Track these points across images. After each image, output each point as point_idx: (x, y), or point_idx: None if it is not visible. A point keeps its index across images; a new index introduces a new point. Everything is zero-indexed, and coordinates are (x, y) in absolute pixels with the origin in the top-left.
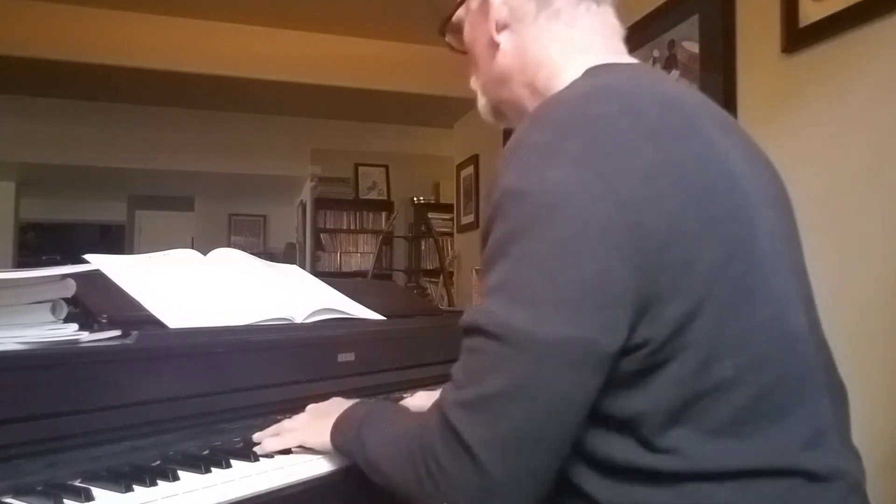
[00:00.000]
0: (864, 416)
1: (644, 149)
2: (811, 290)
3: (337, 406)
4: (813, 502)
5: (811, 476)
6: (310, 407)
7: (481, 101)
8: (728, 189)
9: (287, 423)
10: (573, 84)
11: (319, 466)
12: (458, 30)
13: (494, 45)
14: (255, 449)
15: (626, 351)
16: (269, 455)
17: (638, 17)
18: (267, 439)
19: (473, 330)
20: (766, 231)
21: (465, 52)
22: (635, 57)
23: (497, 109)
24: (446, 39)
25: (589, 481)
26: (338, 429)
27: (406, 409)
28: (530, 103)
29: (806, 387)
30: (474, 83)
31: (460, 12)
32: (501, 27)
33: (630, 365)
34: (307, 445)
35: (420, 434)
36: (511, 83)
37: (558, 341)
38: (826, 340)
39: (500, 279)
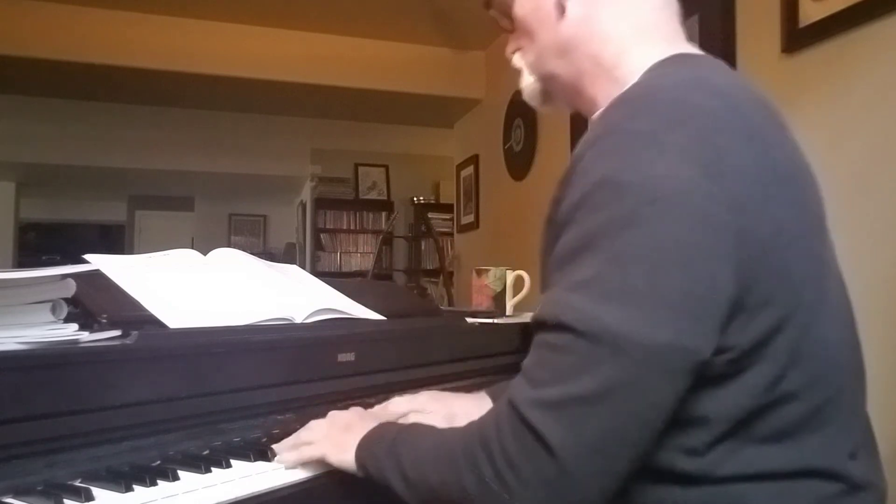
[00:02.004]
0: None
1: (749, 150)
2: (851, 304)
3: (359, 419)
4: None
5: (849, 483)
6: (330, 415)
7: (528, 80)
8: (812, 200)
9: (304, 435)
10: (660, 72)
11: (319, 466)
12: (505, 4)
13: (560, 11)
14: (273, 462)
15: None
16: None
17: None
18: (285, 453)
19: (557, 326)
20: (828, 242)
21: (510, 30)
22: None
23: (546, 89)
24: (490, 13)
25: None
26: (365, 447)
27: (438, 427)
28: (589, 80)
29: (847, 402)
30: (519, 60)
31: None
32: None
33: (708, 370)
34: (328, 461)
35: (481, 435)
36: (573, 54)
37: (658, 346)
38: (862, 354)
39: (592, 274)
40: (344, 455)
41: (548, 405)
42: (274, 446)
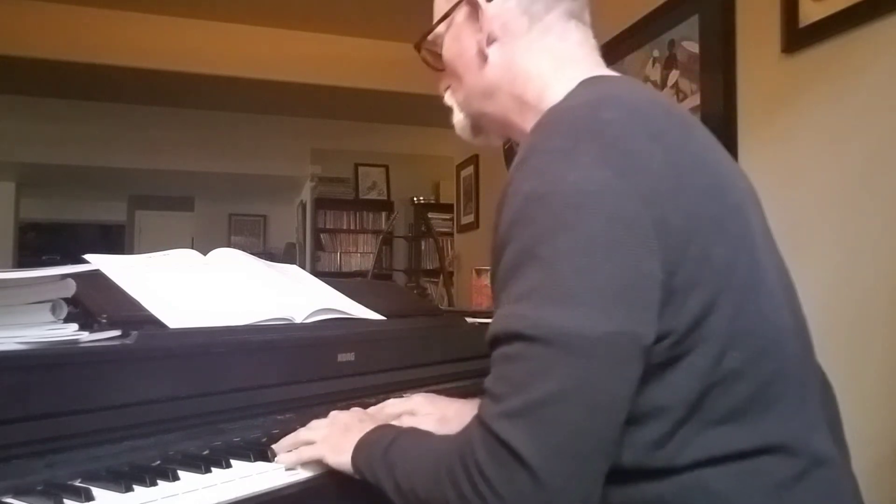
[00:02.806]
0: (861, 416)
1: (655, 150)
2: (794, 287)
3: (358, 422)
4: (813, 483)
5: (809, 458)
6: (331, 415)
7: (458, 117)
8: (728, 189)
9: (304, 434)
10: (574, 94)
11: (319, 466)
12: (434, 45)
13: (483, 58)
14: (273, 462)
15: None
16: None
17: (638, 17)
18: (283, 455)
19: (509, 337)
20: (757, 229)
21: (440, 69)
22: (635, 56)
23: (476, 124)
24: (421, 55)
25: None
26: (361, 450)
27: (436, 434)
28: (517, 116)
29: (796, 379)
30: (450, 98)
31: (440, 28)
32: (491, 41)
33: (653, 357)
34: (325, 462)
35: (460, 451)
36: (498, 96)
37: (605, 337)
38: (810, 335)
39: (532, 283)
40: (341, 457)
41: (513, 415)
42: (273, 446)
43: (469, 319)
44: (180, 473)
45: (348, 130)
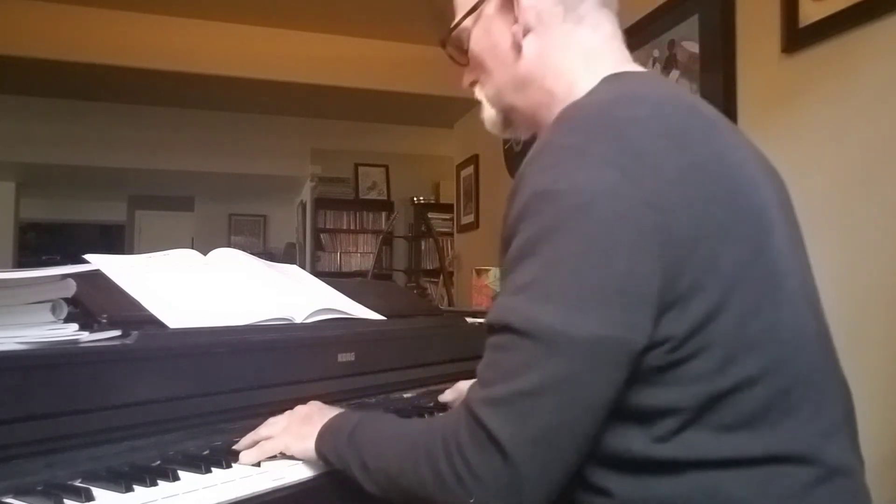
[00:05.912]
0: (862, 416)
1: (671, 151)
2: (817, 292)
3: (318, 410)
4: (829, 493)
5: (825, 467)
6: (294, 409)
7: (490, 112)
8: (748, 191)
9: (264, 431)
10: (595, 91)
11: (321, 465)
12: (460, 40)
13: (517, 50)
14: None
15: (647, 347)
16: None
17: (638, 17)
18: (245, 453)
19: (502, 327)
20: (780, 233)
21: (464, 64)
22: (635, 57)
23: (507, 118)
24: (447, 50)
25: (604, 476)
26: (325, 436)
27: (398, 418)
28: (546, 111)
29: (817, 386)
30: (479, 93)
31: (467, 22)
32: (526, 31)
33: (652, 361)
34: (289, 453)
35: (442, 431)
36: (530, 89)
37: (591, 339)
38: (832, 341)
39: (530, 278)
40: (304, 444)
41: (496, 402)
42: (235, 446)
43: (469, 319)
44: (180, 473)
45: (348, 130)
